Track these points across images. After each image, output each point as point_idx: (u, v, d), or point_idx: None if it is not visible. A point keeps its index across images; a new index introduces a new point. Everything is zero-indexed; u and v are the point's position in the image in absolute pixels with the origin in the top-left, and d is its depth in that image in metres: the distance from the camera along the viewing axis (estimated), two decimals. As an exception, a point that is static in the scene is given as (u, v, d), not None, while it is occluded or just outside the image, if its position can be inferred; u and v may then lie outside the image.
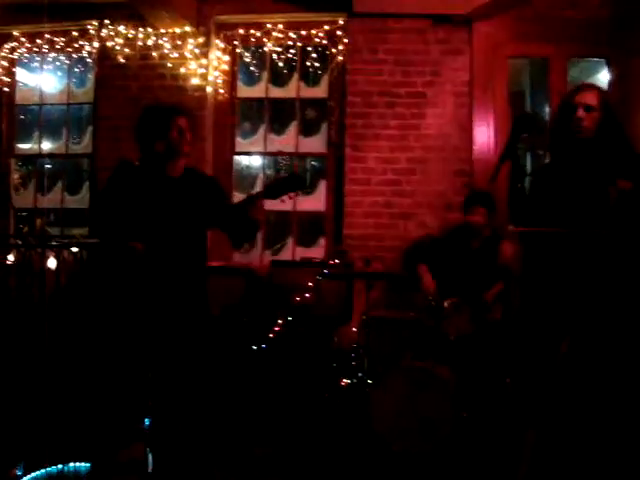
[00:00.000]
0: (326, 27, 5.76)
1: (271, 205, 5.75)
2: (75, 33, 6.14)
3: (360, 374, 4.33)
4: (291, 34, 5.82)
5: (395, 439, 4.00)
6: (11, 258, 5.23)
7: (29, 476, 3.30)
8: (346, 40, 5.67)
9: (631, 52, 5.24)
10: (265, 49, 5.98)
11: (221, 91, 5.96)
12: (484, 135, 5.45)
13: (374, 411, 4.07)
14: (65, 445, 3.37)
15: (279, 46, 5.93)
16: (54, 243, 5.12)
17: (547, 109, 5.67)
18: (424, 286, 4.61)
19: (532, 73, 6.47)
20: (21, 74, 6.51)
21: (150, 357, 3.11)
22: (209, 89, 5.90)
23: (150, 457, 3.09)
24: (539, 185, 3.15)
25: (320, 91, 5.96)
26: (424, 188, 5.46)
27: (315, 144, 5.97)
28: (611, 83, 5.42)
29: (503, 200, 3.26)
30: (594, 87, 3.16)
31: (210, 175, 3.97)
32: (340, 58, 5.74)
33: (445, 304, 4.39)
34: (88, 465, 3.29)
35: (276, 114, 6.13)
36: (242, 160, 6.21)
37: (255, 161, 6.25)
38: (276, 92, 6.07)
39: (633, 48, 5.21)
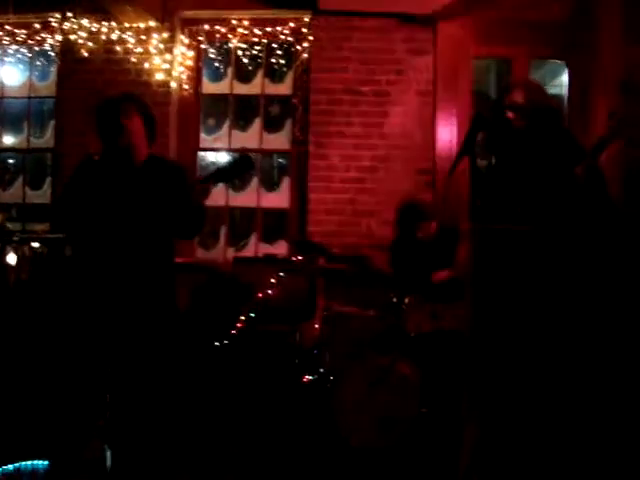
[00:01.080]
0: (291, 24, 5.77)
1: (236, 201, 5.87)
2: (37, 25, 6.06)
3: (322, 370, 4.36)
4: (256, 31, 5.82)
5: (353, 434, 4.03)
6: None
7: (-15, 474, 3.27)
8: (311, 37, 5.68)
9: (589, 54, 5.33)
10: (230, 45, 5.97)
11: (186, 87, 5.93)
12: (447, 134, 5.50)
13: (335, 407, 4.10)
14: (22, 443, 3.34)
15: (244, 42, 5.92)
16: (15, 238, 5.08)
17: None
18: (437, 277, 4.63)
19: (497, 73, 6.55)
20: (-18, 66, 6.41)
21: (108, 353, 3.09)
22: (173, 85, 5.86)
23: (108, 455, 3.09)
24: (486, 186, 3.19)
25: (285, 88, 5.97)
26: (387, 186, 5.49)
27: (279, 141, 5.98)
28: (570, 85, 5.51)
29: (463, 195, 3.31)
30: (520, 85, 3.21)
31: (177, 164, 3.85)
32: (305, 55, 5.75)
33: (406, 300, 4.43)
34: (46, 463, 3.27)
35: (241, 110, 6.12)
36: (206, 156, 6.18)
37: (219, 157, 6.23)
38: (241, 88, 6.06)
39: (591, 51, 5.30)
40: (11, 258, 5.19)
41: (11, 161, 6.48)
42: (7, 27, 6.08)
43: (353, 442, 4.03)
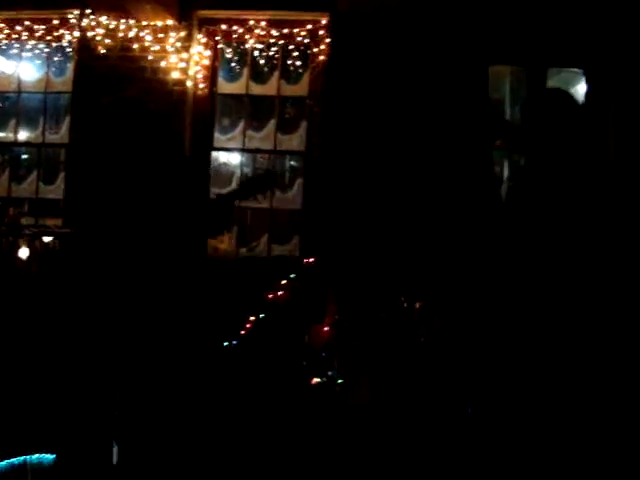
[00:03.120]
0: (309, 26, 5.77)
1: (248, 202, 5.85)
2: (56, 21, 6.09)
3: (330, 373, 4.34)
4: (273, 32, 5.82)
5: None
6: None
7: (-9, 466, 3.26)
8: (328, 40, 5.67)
9: (608, 64, 5.30)
10: (247, 46, 5.97)
11: (201, 86, 5.93)
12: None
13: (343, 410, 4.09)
14: (29, 436, 3.34)
15: (261, 43, 5.92)
16: (27, 232, 5.10)
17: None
18: None
19: (512, 82, 6.52)
20: (-1, 61, 6.44)
21: (118, 349, 3.09)
22: (189, 83, 5.87)
23: (115, 450, 3.08)
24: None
25: (300, 89, 5.96)
26: (402, 190, 5.47)
27: (293, 142, 5.97)
28: (588, 94, 5.48)
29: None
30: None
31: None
32: (321, 57, 5.74)
33: (417, 305, 4.41)
34: (52, 457, 3.26)
35: (255, 111, 6.12)
36: (220, 156, 6.18)
37: (233, 157, 6.23)
38: (256, 89, 6.06)
39: (610, 60, 5.27)
40: (23, 252, 5.22)
41: (26, 156, 6.50)
42: (26, 23, 6.10)
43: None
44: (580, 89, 5.67)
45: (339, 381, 4.30)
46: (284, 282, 5.00)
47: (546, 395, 2.58)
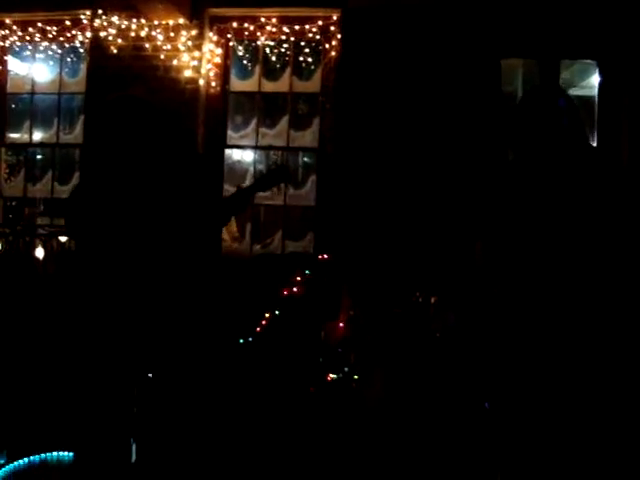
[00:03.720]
0: (320, 22, 5.76)
1: (262, 198, 5.87)
2: (68, 22, 6.11)
3: (346, 369, 4.35)
4: (285, 28, 5.81)
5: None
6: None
7: (11, 464, 3.30)
8: (339, 35, 5.67)
9: (622, 55, 5.26)
10: (258, 43, 5.97)
11: (213, 84, 5.95)
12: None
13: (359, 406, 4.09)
14: (48, 434, 3.37)
15: (272, 40, 5.93)
16: (42, 232, 5.13)
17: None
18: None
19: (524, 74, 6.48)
20: (13, 62, 6.47)
21: (136, 348, 3.10)
22: (202, 82, 5.88)
23: (134, 448, 3.10)
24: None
25: (312, 86, 5.95)
26: (415, 186, 5.46)
27: (306, 139, 5.97)
28: (601, 86, 5.45)
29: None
30: None
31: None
32: (333, 53, 5.74)
33: (432, 300, 4.41)
34: (71, 454, 3.29)
35: (268, 108, 6.12)
36: (233, 153, 6.20)
37: (246, 154, 6.24)
38: (268, 86, 6.05)
39: (624, 51, 5.23)
40: (39, 252, 5.26)
41: (40, 156, 6.55)
42: (38, 24, 6.14)
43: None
44: (594, 81, 5.64)
45: (355, 377, 4.30)
46: (299, 278, 5.00)
47: (562, 390, 2.57)
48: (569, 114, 2.76)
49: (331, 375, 4.45)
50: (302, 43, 5.91)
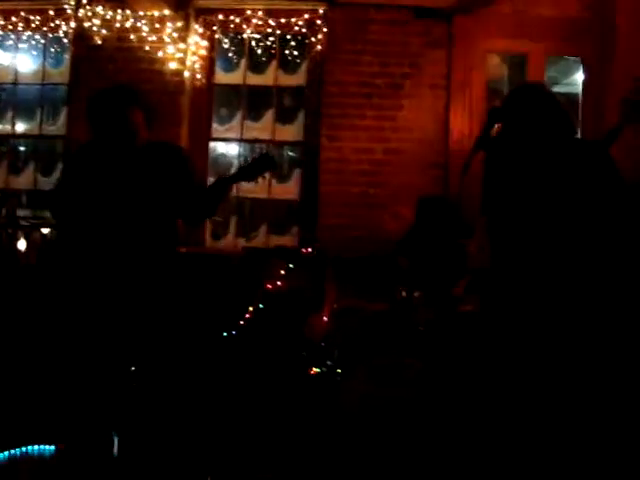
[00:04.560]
0: (306, 16, 5.75)
1: (246, 192, 5.86)
2: (52, 12, 6.04)
3: (329, 363, 4.34)
4: (271, 21, 5.80)
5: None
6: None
7: (-8, 458, 3.27)
8: (325, 29, 5.66)
9: (606, 53, 5.29)
10: (244, 36, 5.96)
11: (198, 76, 5.92)
12: (460, 128, 5.47)
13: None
14: (28, 427, 3.34)
15: (258, 33, 5.91)
16: (24, 224, 5.09)
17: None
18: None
19: (510, 70, 6.51)
20: (-5, 52, 6.41)
21: (116, 342, 3.09)
22: (187, 74, 5.85)
23: (116, 441, 3.08)
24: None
25: (298, 79, 5.94)
26: (399, 179, 5.47)
27: (291, 132, 5.96)
28: (585, 83, 5.48)
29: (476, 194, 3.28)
30: None
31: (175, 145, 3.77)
32: (319, 47, 5.72)
33: (415, 294, 4.41)
34: (52, 448, 3.27)
35: (253, 101, 6.10)
36: (218, 146, 6.17)
37: (231, 148, 6.22)
38: (254, 79, 6.04)
39: (608, 49, 5.25)
40: (21, 244, 5.22)
41: (23, 147, 6.48)
42: (22, 13, 6.07)
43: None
44: (578, 78, 5.67)
45: (338, 371, 4.30)
46: (283, 272, 4.99)
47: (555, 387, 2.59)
48: (554, 108, 2.78)
49: (314, 369, 4.45)
50: (288, 36, 5.89)
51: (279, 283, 4.94)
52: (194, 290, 4.70)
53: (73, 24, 5.99)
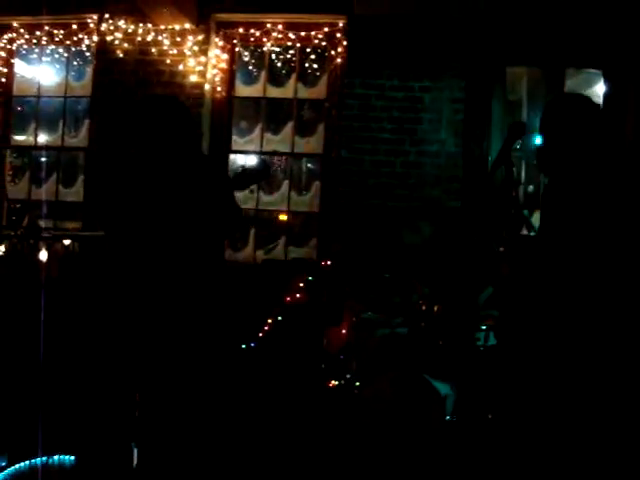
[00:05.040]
0: (326, 29, 5.77)
1: (266, 204, 5.88)
2: (75, 26, 6.14)
3: (348, 376, 4.34)
4: (290, 35, 5.83)
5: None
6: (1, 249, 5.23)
7: (12, 467, 3.29)
8: (345, 42, 5.68)
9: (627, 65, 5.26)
10: (264, 49, 6.00)
11: (219, 89, 5.96)
12: (479, 142, 5.47)
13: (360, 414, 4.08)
14: (50, 437, 3.36)
15: (278, 46, 5.95)
16: (45, 235, 5.14)
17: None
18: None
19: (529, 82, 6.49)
20: (19, 65, 6.50)
21: (139, 352, 3.10)
22: (207, 87, 5.91)
23: (135, 453, 3.10)
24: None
25: (318, 92, 5.96)
26: (418, 193, 5.47)
27: (311, 145, 5.98)
28: (606, 94, 5.45)
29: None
30: None
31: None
32: (339, 60, 5.75)
33: (435, 308, 4.40)
34: (72, 458, 3.29)
35: (273, 114, 6.13)
36: (237, 158, 6.20)
37: (251, 160, 6.24)
38: (274, 92, 6.07)
39: (629, 61, 5.23)
40: (43, 255, 5.26)
41: (45, 159, 6.56)
42: (46, 27, 6.16)
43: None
44: (598, 90, 5.64)
45: (357, 384, 4.29)
46: (302, 284, 5.00)
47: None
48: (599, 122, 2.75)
49: (333, 381, 4.44)
50: (308, 49, 5.92)
51: (298, 295, 4.95)
52: (215, 302, 4.72)
53: (96, 38, 6.08)
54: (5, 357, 4.31)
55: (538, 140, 2.79)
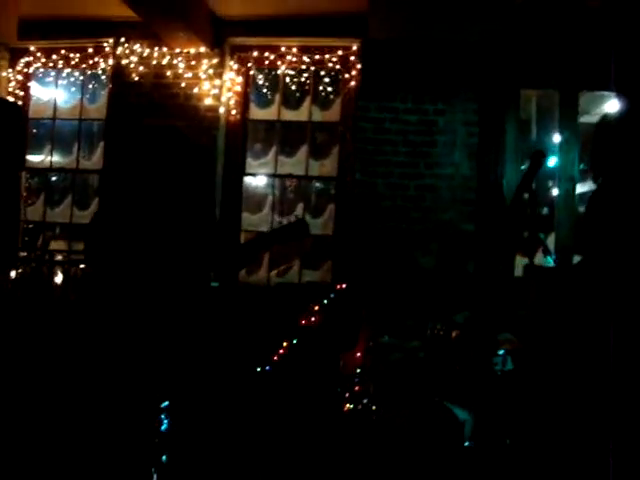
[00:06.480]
0: (340, 52, 5.81)
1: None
2: (91, 50, 6.22)
3: (365, 400, 4.32)
4: (305, 58, 5.88)
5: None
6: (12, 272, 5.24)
7: None
8: (359, 66, 5.71)
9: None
10: (278, 72, 6.04)
11: (233, 112, 6.00)
12: (493, 165, 5.47)
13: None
14: (69, 462, 3.36)
15: (292, 69, 5.99)
16: (59, 258, 5.15)
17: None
18: None
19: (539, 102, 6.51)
20: (35, 88, 6.56)
21: (155, 378, 3.10)
22: (222, 110, 5.94)
23: (155, 478, 3.08)
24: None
25: (332, 115, 5.99)
26: (432, 215, 5.46)
27: (325, 168, 6.00)
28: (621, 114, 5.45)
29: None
30: None
31: None
32: (353, 83, 5.78)
33: (453, 334, 4.37)
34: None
35: (287, 136, 6.16)
36: (252, 181, 6.23)
37: (265, 182, 6.26)
38: (288, 115, 6.10)
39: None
40: (57, 278, 5.29)
41: (60, 181, 6.60)
42: (62, 51, 6.23)
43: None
44: (607, 109, 5.63)
45: (373, 408, 4.27)
46: (317, 308, 5.00)
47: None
48: None
49: (349, 405, 4.42)
50: (322, 72, 5.96)
51: (313, 319, 4.94)
52: (228, 325, 4.72)
53: (111, 61, 6.14)
54: (21, 382, 4.31)
55: (552, 162, 2.81)
